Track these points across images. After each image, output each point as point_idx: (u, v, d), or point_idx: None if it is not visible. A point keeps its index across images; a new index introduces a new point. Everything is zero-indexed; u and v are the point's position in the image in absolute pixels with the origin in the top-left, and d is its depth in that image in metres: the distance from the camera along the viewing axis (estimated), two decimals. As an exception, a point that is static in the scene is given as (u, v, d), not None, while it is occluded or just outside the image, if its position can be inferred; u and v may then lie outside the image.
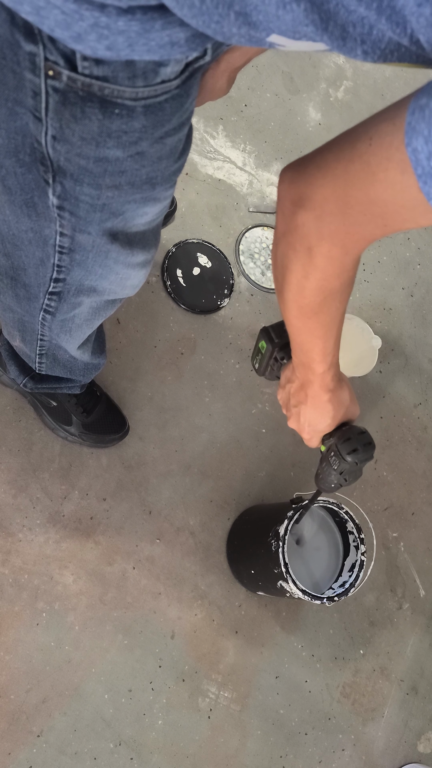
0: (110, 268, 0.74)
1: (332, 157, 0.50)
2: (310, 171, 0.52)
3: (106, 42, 0.46)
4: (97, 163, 0.57)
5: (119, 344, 1.37)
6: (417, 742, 1.38)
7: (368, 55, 0.41)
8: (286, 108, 1.73)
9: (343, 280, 0.57)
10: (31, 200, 0.65)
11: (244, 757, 1.24)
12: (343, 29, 0.39)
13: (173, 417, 1.37)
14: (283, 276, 0.60)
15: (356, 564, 1.14)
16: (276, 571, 1.10)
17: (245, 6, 0.41)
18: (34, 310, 0.84)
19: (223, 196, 1.58)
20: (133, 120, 0.54)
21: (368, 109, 1.83)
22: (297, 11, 0.39)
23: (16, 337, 0.97)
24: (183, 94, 0.55)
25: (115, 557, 1.25)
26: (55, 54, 0.49)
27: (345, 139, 0.49)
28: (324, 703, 1.33)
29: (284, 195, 0.55)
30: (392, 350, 1.62)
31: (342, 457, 0.82)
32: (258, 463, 1.40)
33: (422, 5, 0.35)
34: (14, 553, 1.20)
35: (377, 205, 0.47)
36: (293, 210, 0.54)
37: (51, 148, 0.56)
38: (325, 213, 0.51)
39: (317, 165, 0.51)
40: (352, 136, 0.48)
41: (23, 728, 1.13)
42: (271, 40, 0.44)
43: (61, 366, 1.05)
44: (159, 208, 0.68)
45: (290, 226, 0.55)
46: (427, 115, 0.37)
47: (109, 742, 1.17)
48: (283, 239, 0.57)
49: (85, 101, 0.51)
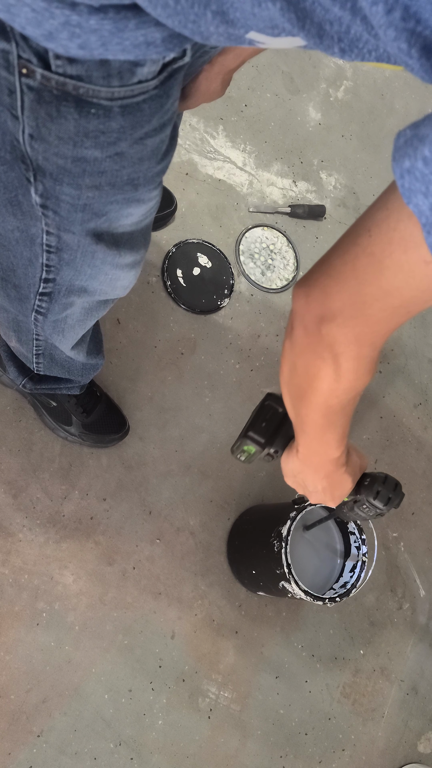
0: (98, 269, 0.73)
1: (339, 261, 0.50)
2: (321, 282, 0.52)
3: (78, 41, 0.46)
4: (75, 163, 0.57)
5: (119, 344, 1.37)
6: (417, 742, 1.38)
7: (345, 54, 0.41)
8: (286, 108, 1.73)
9: (373, 370, 0.57)
10: (15, 198, 0.65)
11: (244, 757, 1.24)
12: (320, 27, 0.39)
13: (173, 417, 1.37)
14: (309, 384, 0.59)
15: (357, 565, 1.14)
16: (278, 571, 1.10)
17: (222, 4, 0.40)
18: (27, 310, 0.84)
19: (223, 196, 1.58)
20: (110, 120, 0.53)
21: (368, 109, 1.83)
22: (273, 9, 0.39)
23: (12, 338, 0.97)
24: (162, 95, 0.54)
25: (115, 557, 1.25)
26: (28, 52, 0.48)
27: (346, 240, 0.49)
28: (324, 703, 1.33)
29: (302, 311, 0.55)
30: (392, 350, 1.62)
31: (377, 507, 0.84)
32: (258, 463, 1.40)
33: (376, 4, 0.35)
34: (14, 553, 1.19)
35: (393, 296, 0.47)
36: (315, 323, 0.54)
37: (29, 146, 0.56)
38: (347, 319, 0.51)
39: (327, 274, 0.52)
40: (352, 235, 0.49)
41: (23, 728, 1.13)
42: (250, 37, 0.43)
43: (58, 366, 1.04)
44: (144, 209, 0.68)
45: (314, 339, 0.54)
46: (418, 175, 0.37)
47: (109, 742, 1.17)
48: (307, 350, 0.56)
49: (60, 100, 0.51)
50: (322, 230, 1.65)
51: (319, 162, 1.72)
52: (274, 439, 0.81)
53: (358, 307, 0.50)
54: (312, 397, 0.60)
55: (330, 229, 1.66)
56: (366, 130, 1.81)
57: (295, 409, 0.65)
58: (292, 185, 1.66)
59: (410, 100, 1.90)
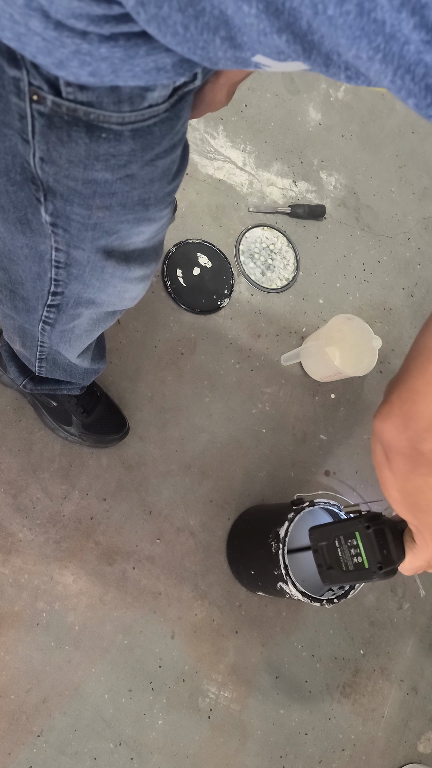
0: (107, 282, 0.73)
1: (422, 383, 0.51)
2: (406, 409, 0.53)
3: (88, 68, 0.46)
4: (85, 185, 0.57)
5: (119, 344, 1.37)
6: (417, 742, 1.38)
7: (352, 80, 0.41)
8: (287, 108, 1.73)
9: None
10: (24, 217, 0.65)
11: (244, 757, 1.24)
12: (327, 57, 0.39)
13: (173, 417, 1.37)
14: (427, 497, 0.60)
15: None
16: (276, 572, 1.10)
17: (230, 30, 0.40)
18: (34, 320, 0.84)
19: (224, 196, 1.58)
20: (121, 144, 0.53)
21: (368, 109, 1.83)
22: (278, 41, 0.39)
23: (17, 342, 0.98)
24: (173, 117, 0.54)
25: (115, 557, 1.25)
26: (38, 79, 0.48)
27: (422, 358, 0.51)
28: (324, 703, 1.33)
29: (397, 441, 0.56)
30: (392, 350, 1.62)
31: None
32: (258, 463, 1.40)
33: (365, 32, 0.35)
34: (14, 553, 1.20)
35: None
36: (413, 447, 0.54)
37: (40, 169, 0.56)
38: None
39: (412, 399, 0.53)
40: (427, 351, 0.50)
41: (23, 728, 1.13)
42: (256, 61, 0.43)
43: (60, 370, 1.05)
44: (156, 227, 0.68)
45: (419, 461, 0.55)
46: None
47: (109, 742, 1.17)
48: (414, 473, 0.57)
49: (71, 125, 0.51)
50: (322, 230, 1.65)
51: (319, 162, 1.72)
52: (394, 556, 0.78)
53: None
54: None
55: (330, 229, 1.66)
56: (366, 130, 1.81)
57: (418, 520, 0.65)
58: (292, 185, 1.66)
59: (410, 100, 1.90)
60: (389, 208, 1.75)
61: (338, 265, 1.64)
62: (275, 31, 0.37)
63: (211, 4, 0.38)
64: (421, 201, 1.80)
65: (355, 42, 0.34)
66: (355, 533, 0.80)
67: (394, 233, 1.73)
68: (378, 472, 0.62)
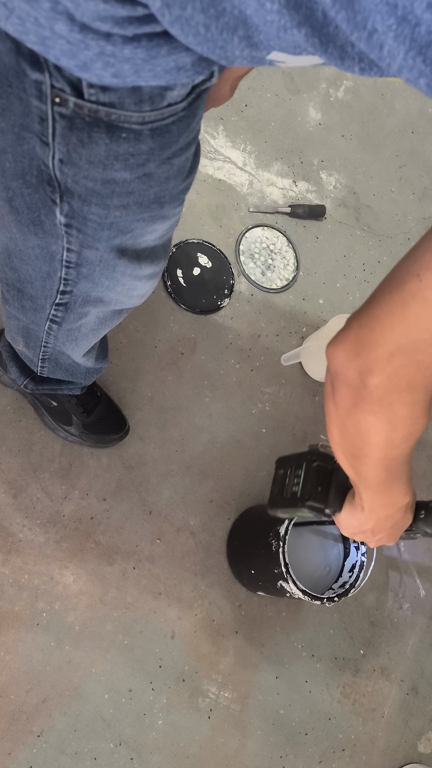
0: (117, 280, 0.74)
1: (382, 311, 0.49)
2: (363, 335, 0.50)
3: (112, 69, 0.47)
4: (104, 185, 0.58)
5: (119, 344, 1.37)
6: (417, 742, 1.38)
7: (365, 72, 0.42)
8: (287, 108, 1.73)
9: (428, 412, 0.55)
10: (38, 218, 0.66)
11: (244, 757, 1.24)
12: (342, 50, 0.40)
13: (173, 417, 1.37)
14: (365, 441, 0.57)
15: (356, 564, 1.14)
16: (276, 571, 1.10)
17: (248, 29, 0.41)
18: (40, 320, 0.85)
19: (224, 196, 1.58)
20: (140, 143, 0.54)
21: (368, 109, 1.83)
22: (298, 36, 0.40)
23: (20, 342, 0.98)
24: (190, 115, 0.55)
25: (115, 557, 1.25)
26: (61, 82, 0.49)
27: (390, 288, 0.48)
28: (324, 703, 1.33)
29: (344, 370, 0.53)
30: (392, 350, 1.62)
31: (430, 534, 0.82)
32: (258, 463, 1.40)
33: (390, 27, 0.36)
34: (14, 553, 1.20)
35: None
36: (362, 379, 0.52)
37: (58, 170, 0.57)
38: (397, 369, 0.50)
39: (368, 326, 0.50)
40: (395, 281, 0.47)
41: (23, 728, 1.13)
42: (271, 58, 0.44)
43: (62, 370, 1.05)
44: (168, 225, 0.69)
45: (362, 395, 0.52)
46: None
47: (109, 742, 1.17)
48: (356, 409, 0.54)
49: (92, 126, 0.52)
50: (322, 230, 1.65)
51: (319, 162, 1.72)
52: (330, 499, 0.77)
53: (409, 355, 0.49)
54: (370, 454, 0.58)
55: (330, 229, 1.66)
56: (366, 130, 1.81)
57: (353, 468, 0.62)
58: (292, 185, 1.66)
59: (410, 100, 1.90)
60: (389, 208, 1.75)
61: (338, 265, 1.64)
62: (295, 26, 0.39)
63: (231, 5, 0.39)
64: (421, 201, 1.80)
65: (370, 16, 0.35)
66: (303, 464, 0.80)
67: (394, 233, 1.73)
68: (325, 408, 0.59)
